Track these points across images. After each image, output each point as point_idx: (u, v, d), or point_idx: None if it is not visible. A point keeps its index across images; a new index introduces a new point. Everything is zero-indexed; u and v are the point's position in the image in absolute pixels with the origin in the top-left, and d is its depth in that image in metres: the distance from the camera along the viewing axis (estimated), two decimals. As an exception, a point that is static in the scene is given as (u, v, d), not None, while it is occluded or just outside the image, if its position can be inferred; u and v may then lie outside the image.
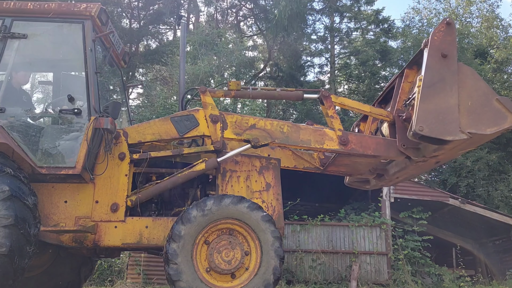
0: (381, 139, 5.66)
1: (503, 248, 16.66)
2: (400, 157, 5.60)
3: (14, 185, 4.65)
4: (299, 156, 6.42)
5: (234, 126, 5.62)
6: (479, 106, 4.83)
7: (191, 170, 5.56)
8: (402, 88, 5.64)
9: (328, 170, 6.43)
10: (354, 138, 5.60)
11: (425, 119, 4.74)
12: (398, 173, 6.10)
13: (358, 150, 5.55)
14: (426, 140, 4.85)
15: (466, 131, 4.72)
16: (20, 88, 5.89)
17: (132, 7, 28.82)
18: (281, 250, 4.98)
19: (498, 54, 25.19)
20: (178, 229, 4.87)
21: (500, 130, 4.81)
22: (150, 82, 27.67)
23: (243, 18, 31.32)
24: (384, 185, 6.93)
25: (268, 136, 5.57)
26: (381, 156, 5.65)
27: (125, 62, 6.92)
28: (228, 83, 5.81)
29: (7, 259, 4.42)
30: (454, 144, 4.88)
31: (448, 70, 4.90)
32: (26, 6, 5.54)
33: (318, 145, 5.57)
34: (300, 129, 5.65)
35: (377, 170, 6.39)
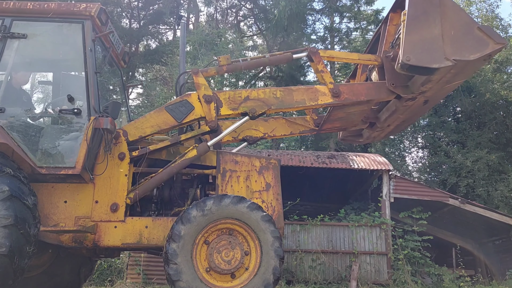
0: (371, 83, 5.89)
1: (503, 248, 16.65)
2: (390, 97, 5.79)
3: (14, 185, 4.65)
4: (293, 122, 6.58)
5: (229, 102, 5.70)
6: (461, 35, 5.04)
7: (184, 158, 5.59)
8: (388, 31, 5.87)
9: (324, 128, 6.60)
10: (345, 88, 5.79)
11: (412, 49, 4.96)
12: (389, 119, 6.27)
13: (352, 99, 5.72)
14: (414, 70, 5.07)
15: (451, 58, 4.93)
16: (20, 88, 5.89)
17: (132, 7, 28.82)
18: (281, 250, 4.99)
19: (498, 54, 25.17)
20: (178, 229, 4.87)
21: (483, 56, 5.00)
22: (150, 82, 27.68)
23: (243, 18, 31.32)
24: (376, 137, 7.08)
25: (263, 104, 5.68)
26: (373, 100, 5.82)
27: (125, 62, 6.92)
28: (218, 59, 5.89)
29: (7, 259, 4.42)
30: (441, 74, 5.11)
31: (430, 2, 5.13)
32: (26, 6, 5.54)
33: (313, 102, 5.71)
34: (293, 91, 5.78)
35: (369, 119, 6.57)
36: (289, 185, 14.05)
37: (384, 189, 14.37)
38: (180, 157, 5.62)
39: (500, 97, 23.38)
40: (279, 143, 25.76)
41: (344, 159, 15.08)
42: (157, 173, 5.56)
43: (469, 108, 23.75)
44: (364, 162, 14.83)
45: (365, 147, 25.02)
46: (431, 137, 25.70)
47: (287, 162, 14.17)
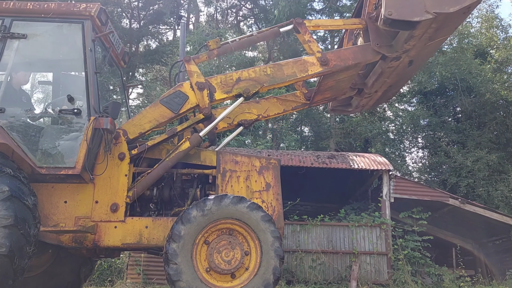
0: (356, 47, 6.01)
1: (503, 248, 16.64)
2: (376, 57, 5.92)
3: (14, 185, 4.65)
4: (284, 99, 6.66)
5: (222, 86, 5.76)
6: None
7: (177, 151, 5.61)
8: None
9: (315, 100, 6.71)
10: (332, 55, 5.90)
11: (393, 4, 5.12)
12: (376, 83, 6.39)
13: (340, 65, 5.84)
14: (396, 25, 5.24)
15: (432, 11, 5.05)
16: (20, 88, 5.88)
17: (132, 7, 28.84)
18: (281, 250, 4.99)
19: (498, 54, 25.18)
20: (178, 229, 4.87)
21: (462, 8, 5.12)
22: (150, 82, 27.67)
23: (243, 18, 31.33)
24: (365, 105, 7.20)
25: (256, 83, 5.76)
26: (361, 63, 5.94)
27: (125, 62, 6.92)
28: (208, 43, 5.95)
29: (7, 259, 4.42)
30: (422, 28, 5.26)
31: None
32: (25, 6, 5.54)
33: (303, 73, 5.84)
34: (282, 66, 5.88)
35: (357, 85, 6.69)
36: (289, 185, 14.05)
37: (384, 189, 14.37)
38: (173, 150, 5.64)
39: (500, 97, 23.39)
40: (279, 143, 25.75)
41: (344, 159, 15.07)
42: (153, 169, 5.57)
43: (469, 108, 23.75)
44: (364, 162, 14.82)
45: (365, 147, 25.05)
46: (431, 137, 25.71)
47: (287, 162, 14.17)
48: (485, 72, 23.58)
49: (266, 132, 25.80)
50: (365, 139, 25.20)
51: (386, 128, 26.62)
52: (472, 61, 23.72)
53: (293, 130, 27.79)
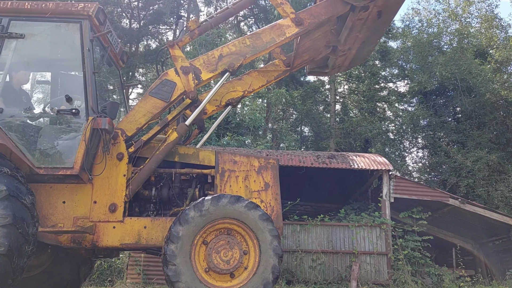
0: (325, 2, 6.07)
1: (503, 248, 16.63)
2: (346, 8, 5.98)
3: (12, 184, 4.64)
4: (265, 70, 6.75)
5: (205, 66, 5.79)
6: None
7: (166, 143, 5.62)
8: None
9: (295, 65, 6.79)
10: (305, 14, 5.98)
11: None
12: (349, 38, 6.44)
13: (314, 21, 5.93)
14: None
15: None
16: (18, 88, 5.87)
17: (132, 7, 28.82)
18: (279, 248, 4.98)
19: (498, 54, 25.16)
20: (176, 230, 4.86)
21: None
22: (150, 82, 27.64)
23: (243, 18, 31.29)
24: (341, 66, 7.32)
25: (238, 56, 5.82)
26: (332, 16, 6.00)
27: (124, 62, 6.91)
28: (187, 24, 6.03)
29: (6, 259, 4.42)
30: None
31: None
32: (23, 6, 5.53)
33: (282, 37, 5.90)
34: (260, 34, 5.96)
35: (331, 43, 6.73)
36: (289, 185, 14.06)
37: (384, 189, 14.35)
38: (162, 143, 5.64)
39: (500, 97, 23.38)
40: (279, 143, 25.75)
41: (344, 159, 15.06)
42: (145, 164, 5.57)
43: (469, 108, 23.75)
44: (364, 162, 14.81)
45: (365, 147, 25.03)
46: (431, 137, 25.71)
47: (287, 162, 14.15)
48: (485, 72, 23.57)
49: (266, 132, 25.80)
50: (365, 139, 25.21)
51: (386, 128, 26.64)
52: (472, 61, 23.73)
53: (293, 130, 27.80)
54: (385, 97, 29.59)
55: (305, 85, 28.47)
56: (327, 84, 30.39)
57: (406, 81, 29.44)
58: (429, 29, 27.48)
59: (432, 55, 25.54)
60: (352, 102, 31.26)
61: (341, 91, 31.87)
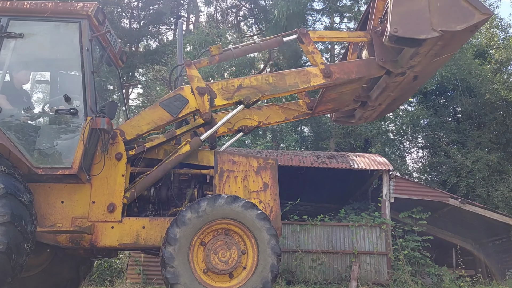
0: (360, 60, 5.91)
1: (503, 248, 16.62)
2: (381, 72, 5.82)
3: (9, 182, 4.65)
4: (286, 107, 6.60)
5: (223, 92, 5.70)
6: (448, 6, 5.10)
7: (177, 154, 5.59)
8: (377, 7, 5.90)
9: (317, 111, 6.64)
10: (335, 67, 5.82)
11: (399, 21, 5.02)
12: (381, 97, 6.32)
13: (343, 78, 5.75)
14: (402, 42, 5.14)
15: (438, 29, 4.99)
16: (18, 87, 5.87)
17: (132, 7, 28.82)
18: (277, 247, 4.98)
19: (498, 54, 25.13)
20: (173, 232, 4.85)
21: (469, 26, 5.04)
22: (150, 82, 27.65)
23: (243, 18, 31.30)
24: (368, 117, 7.16)
25: (257, 91, 5.68)
26: (364, 77, 5.85)
27: (123, 62, 6.90)
28: (210, 48, 5.90)
29: (4, 257, 4.42)
30: (428, 46, 5.17)
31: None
32: (22, 6, 5.53)
33: (306, 84, 5.74)
34: (285, 75, 5.80)
35: (361, 98, 6.61)
36: (289, 185, 14.06)
37: (384, 189, 14.35)
38: (173, 153, 5.62)
39: (500, 97, 23.35)
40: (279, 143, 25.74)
41: (344, 159, 15.05)
42: (152, 170, 5.55)
43: (469, 108, 23.72)
44: (364, 162, 14.81)
45: (365, 147, 25.01)
46: (431, 137, 25.67)
47: (287, 162, 14.14)
48: (485, 72, 23.55)
49: (266, 132, 25.79)
50: (365, 139, 25.17)
51: (386, 128, 26.58)
52: (472, 61, 23.70)
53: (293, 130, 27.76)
54: (385, 97, 29.50)
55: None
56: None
57: (406, 81, 29.36)
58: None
59: (432, 55, 25.45)
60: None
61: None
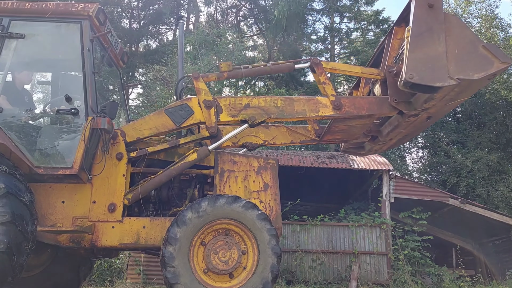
0: (373, 98, 5.77)
1: (503, 248, 16.64)
2: (393, 113, 5.69)
3: (10, 182, 4.65)
4: (294, 131, 6.52)
5: (229, 108, 5.65)
6: (466, 53, 4.96)
7: (184, 161, 5.57)
8: (392, 45, 5.76)
9: (324, 139, 6.54)
10: (347, 101, 5.69)
11: (415, 67, 4.85)
12: (392, 133, 6.18)
13: (353, 112, 5.64)
14: (417, 88, 4.96)
15: (455, 77, 4.82)
16: (20, 88, 5.88)
17: (132, 7, 28.83)
18: (278, 247, 4.98)
19: (498, 54, 25.12)
20: (174, 232, 4.86)
21: (488, 75, 4.91)
22: (150, 82, 27.66)
23: (243, 18, 31.32)
24: (378, 150, 7.00)
25: (263, 113, 5.62)
26: (375, 115, 5.73)
27: (124, 62, 6.91)
28: (220, 65, 5.82)
29: (5, 256, 4.42)
30: (444, 92, 5.01)
31: (435, 19, 5.02)
32: (24, 6, 5.54)
33: (313, 113, 5.65)
34: (294, 101, 5.72)
35: (371, 132, 6.48)
36: (289, 185, 14.06)
37: (384, 189, 14.36)
38: (180, 160, 5.60)
39: (500, 97, 23.36)
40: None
41: (344, 159, 15.07)
42: (157, 175, 5.54)
43: (469, 108, 23.74)
44: (364, 162, 14.82)
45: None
46: (431, 137, 25.67)
47: (287, 162, 14.16)
48: (485, 72, 23.52)
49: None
50: (365, 139, 25.16)
51: (386, 128, 26.57)
52: (472, 61, 23.65)
53: (293, 130, 27.67)
54: (385, 97, 29.51)
55: (305, 85, 28.45)
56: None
57: (406, 81, 29.36)
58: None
59: (432, 55, 25.45)
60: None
61: (341, 91, 31.88)
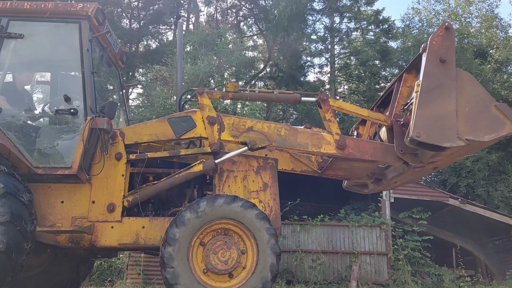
0: (379, 144, 5.62)
1: (503, 248, 16.65)
2: (397, 163, 5.56)
3: (9, 182, 4.65)
4: (297, 158, 6.39)
5: (232, 128, 5.61)
6: (477, 113, 4.80)
7: (188, 172, 5.55)
8: (401, 93, 5.59)
9: (326, 173, 6.45)
10: (351, 142, 5.57)
11: (423, 125, 4.71)
12: (396, 178, 6.06)
13: (355, 155, 5.52)
14: (423, 146, 4.82)
15: (464, 138, 4.69)
16: (20, 88, 5.88)
17: (132, 7, 28.81)
18: (277, 247, 4.98)
19: (498, 54, 25.16)
20: (173, 233, 4.85)
21: (498, 137, 4.78)
22: (150, 82, 27.66)
23: (243, 18, 31.29)
24: (382, 190, 6.92)
25: (265, 138, 5.56)
26: (379, 161, 5.61)
27: (123, 62, 6.90)
28: (226, 84, 5.77)
29: (4, 256, 4.42)
30: (452, 150, 4.85)
31: (447, 75, 4.86)
32: (22, 6, 5.52)
33: (315, 148, 5.56)
34: (298, 133, 5.63)
35: (375, 175, 6.36)
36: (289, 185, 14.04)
37: (384, 189, 14.34)
38: (185, 169, 5.58)
39: (500, 97, 23.37)
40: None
41: (344, 159, 15.05)
42: (159, 182, 5.54)
43: (469, 108, 23.70)
44: (364, 162, 14.79)
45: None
46: (431, 137, 25.65)
47: (286, 162, 14.12)
48: (485, 72, 23.57)
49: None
50: (365, 139, 25.20)
51: (386, 128, 26.59)
52: (472, 61, 23.71)
53: (293, 130, 27.70)
54: (385, 97, 29.54)
55: (305, 85, 28.47)
56: (327, 84, 30.40)
57: (406, 81, 29.37)
58: (429, 29, 27.47)
59: (432, 55, 25.47)
60: (352, 102, 31.27)
61: (341, 91, 31.89)
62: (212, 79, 22.48)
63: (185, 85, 19.71)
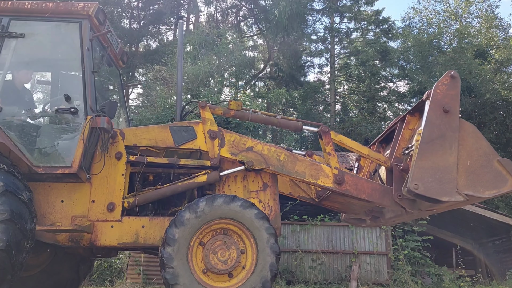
0: (378, 185, 5.53)
1: (503, 248, 16.64)
2: (394, 207, 5.48)
3: (9, 180, 4.64)
4: (296, 183, 6.42)
5: (231, 145, 5.61)
6: (478, 167, 4.71)
7: (192, 181, 5.55)
8: (402, 135, 5.51)
9: (323, 204, 6.43)
10: (350, 179, 5.52)
11: (421, 177, 4.62)
12: (394, 218, 6.00)
13: (352, 192, 5.46)
14: (421, 198, 4.72)
15: (463, 193, 4.60)
16: (20, 87, 5.88)
17: (132, 7, 28.85)
18: (276, 246, 4.98)
19: (498, 54, 25.15)
20: (172, 233, 4.85)
21: (499, 194, 4.70)
22: (150, 82, 27.68)
23: (243, 18, 31.33)
24: (379, 226, 6.86)
25: (263, 161, 5.56)
26: (375, 203, 5.54)
27: (124, 62, 6.91)
28: (230, 102, 5.79)
29: (4, 254, 4.42)
30: (449, 203, 4.76)
31: (449, 126, 4.77)
32: (23, 6, 5.53)
33: (313, 179, 5.54)
34: (297, 160, 5.60)
35: (373, 213, 6.30)
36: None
37: (384, 189, 14.33)
38: (189, 178, 5.58)
39: (500, 97, 23.37)
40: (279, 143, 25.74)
41: (344, 159, 15.08)
42: (161, 187, 5.54)
43: (469, 108, 23.72)
44: (364, 162, 14.80)
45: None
46: (431, 137, 25.65)
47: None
48: (485, 72, 23.56)
49: (266, 132, 25.82)
50: (365, 139, 25.20)
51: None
52: (472, 61, 23.72)
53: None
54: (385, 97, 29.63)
55: (305, 85, 28.50)
56: (327, 84, 30.43)
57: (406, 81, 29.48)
58: (429, 29, 27.49)
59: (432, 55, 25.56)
60: (352, 102, 31.29)
61: (341, 91, 31.90)
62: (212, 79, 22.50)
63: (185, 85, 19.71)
